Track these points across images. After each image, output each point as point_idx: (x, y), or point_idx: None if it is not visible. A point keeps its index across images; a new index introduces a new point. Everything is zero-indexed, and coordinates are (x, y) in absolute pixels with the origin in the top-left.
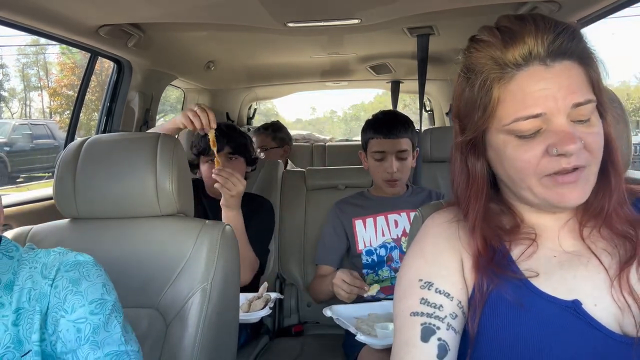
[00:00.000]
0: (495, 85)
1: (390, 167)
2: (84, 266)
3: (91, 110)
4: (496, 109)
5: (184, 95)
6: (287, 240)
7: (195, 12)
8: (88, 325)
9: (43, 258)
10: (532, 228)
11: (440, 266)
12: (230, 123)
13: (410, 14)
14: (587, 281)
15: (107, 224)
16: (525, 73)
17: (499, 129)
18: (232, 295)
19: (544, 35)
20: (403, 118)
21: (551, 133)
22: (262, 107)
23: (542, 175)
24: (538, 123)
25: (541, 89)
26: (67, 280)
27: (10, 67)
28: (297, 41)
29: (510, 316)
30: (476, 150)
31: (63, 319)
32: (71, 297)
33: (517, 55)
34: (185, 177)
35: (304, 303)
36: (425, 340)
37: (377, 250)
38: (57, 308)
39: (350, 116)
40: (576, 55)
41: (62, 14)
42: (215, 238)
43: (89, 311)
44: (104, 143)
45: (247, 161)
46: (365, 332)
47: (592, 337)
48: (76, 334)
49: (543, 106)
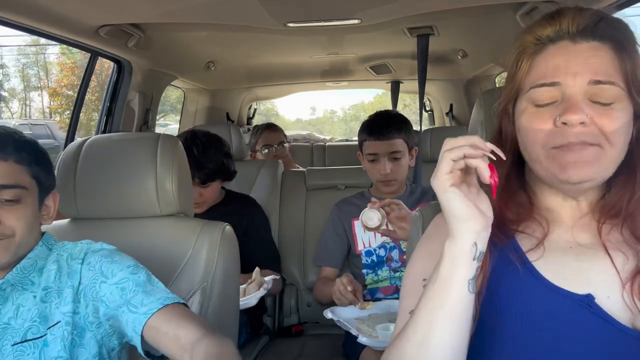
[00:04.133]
0: (527, 55)
1: (383, 169)
2: (111, 250)
3: (91, 110)
4: (525, 78)
5: (184, 95)
6: (287, 240)
7: (195, 12)
8: (131, 282)
9: (70, 249)
10: (547, 211)
11: None
12: (206, 141)
13: (410, 14)
14: (601, 275)
15: (107, 224)
16: (554, 46)
17: (521, 98)
18: (231, 295)
19: (580, 17)
20: (396, 118)
21: (562, 104)
22: (262, 107)
23: (550, 146)
24: (554, 93)
25: (564, 60)
26: (98, 255)
27: (10, 67)
28: (297, 41)
29: (517, 307)
30: (509, 116)
31: (104, 284)
32: (108, 265)
33: (550, 30)
34: (186, 177)
35: (304, 303)
36: None
37: (376, 250)
38: (94, 279)
39: (350, 116)
40: (609, 39)
41: (62, 14)
42: (215, 238)
43: (129, 272)
44: (104, 143)
45: (223, 179)
46: (366, 333)
47: (605, 331)
48: (120, 293)
49: (561, 77)
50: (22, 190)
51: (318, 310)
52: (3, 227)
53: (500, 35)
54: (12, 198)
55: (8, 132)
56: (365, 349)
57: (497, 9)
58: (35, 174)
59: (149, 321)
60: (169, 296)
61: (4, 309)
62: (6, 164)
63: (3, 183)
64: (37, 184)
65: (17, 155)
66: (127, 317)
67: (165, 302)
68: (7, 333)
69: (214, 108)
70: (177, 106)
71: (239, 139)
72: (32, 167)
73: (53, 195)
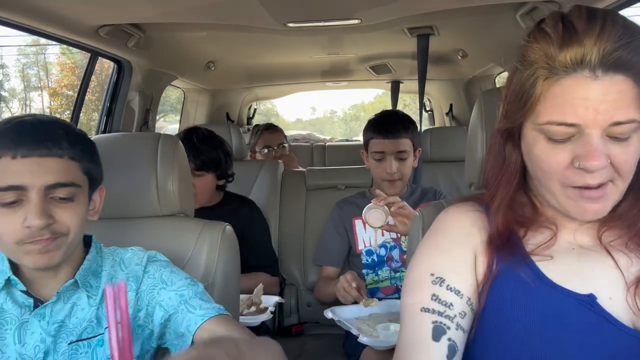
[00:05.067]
0: (540, 81)
1: (389, 168)
2: (167, 261)
3: (91, 110)
4: (536, 105)
5: (184, 95)
6: (287, 240)
7: (195, 12)
8: (190, 290)
9: (121, 254)
10: (553, 221)
11: (453, 261)
12: (208, 134)
13: (410, 14)
14: (604, 275)
15: (107, 224)
16: (572, 78)
17: (533, 126)
18: (232, 295)
19: (604, 43)
20: (404, 118)
21: (580, 144)
22: (262, 107)
23: (567, 185)
24: (571, 131)
25: (583, 98)
26: (158, 265)
27: (10, 67)
28: (297, 41)
29: (521, 306)
30: (513, 139)
31: (164, 290)
32: (168, 274)
33: (569, 58)
34: (186, 177)
35: (304, 303)
36: (436, 339)
37: (377, 250)
38: (154, 286)
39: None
40: (633, 70)
41: (62, 14)
42: (215, 238)
43: (187, 283)
44: (104, 143)
45: (218, 175)
46: (366, 333)
47: (606, 331)
48: (179, 298)
49: (580, 117)
50: (76, 188)
51: (318, 310)
52: (59, 226)
53: (500, 35)
54: (67, 196)
55: (61, 126)
56: (366, 349)
57: (497, 9)
58: (87, 169)
59: (204, 324)
60: (223, 308)
61: (57, 306)
62: (61, 161)
63: (59, 181)
64: (88, 180)
65: (71, 151)
66: (183, 316)
67: (221, 311)
68: (61, 332)
69: (214, 108)
70: (177, 106)
71: (239, 139)
72: (84, 162)
73: (100, 190)
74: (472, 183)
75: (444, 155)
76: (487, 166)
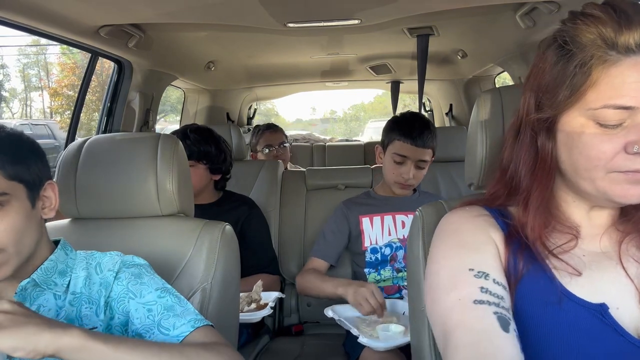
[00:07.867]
0: (596, 66)
1: (406, 173)
2: (143, 266)
3: (92, 110)
4: (587, 91)
5: (184, 95)
6: (287, 240)
7: (195, 13)
8: (159, 306)
9: (98, 258)
10: (569, 221)
11: (488, 258)
12: (203, 128)
13: (410, 14)
14: (613, 284)
15: (107, 224)
16: (632, 61)
17: (580, 112)
18: (232, 295)
19: None
20: (432, 127)
21: (634, 130)
22: (262, 107)
23: (612, 170)
24: (624, 115)
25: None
26: (129, 273)
27: (10, 68)
28: (297, 41)
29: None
30: (549, 129)
31: (133, 300)
32: (137, 286)
33: (632, 40)
34: (186, 177)
35: (304, 303)
36: (506, 330)
37: (382, 249)
38: (123, 294)
39: (350, 116)
40: None
41: (62, 15)
42: (215, 238)
43: (157, 295)
44: (104, 143)
45: (211, 169)
46: (366, 334)
47: (615, 343)
48: (147, 314)
49: (637, 100)
50: (2, 197)
51: (318, 309)
52: None
53: (500, 36)
54: None
55: None
56: (366, 349)
57: (497, 9)
58: (14, 174)
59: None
60: (198, 317)
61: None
62: None
63: None
64: (20, 183)
65: None
66: (157, 340)
67: (196, 324)
68: None
69: (214, 108)
70: (177, 106)
71: (239, 138)
72: (6, 169)
73: (50, 185)
74: (471, 183)
75: (444, 155)
76: (512, 164)
